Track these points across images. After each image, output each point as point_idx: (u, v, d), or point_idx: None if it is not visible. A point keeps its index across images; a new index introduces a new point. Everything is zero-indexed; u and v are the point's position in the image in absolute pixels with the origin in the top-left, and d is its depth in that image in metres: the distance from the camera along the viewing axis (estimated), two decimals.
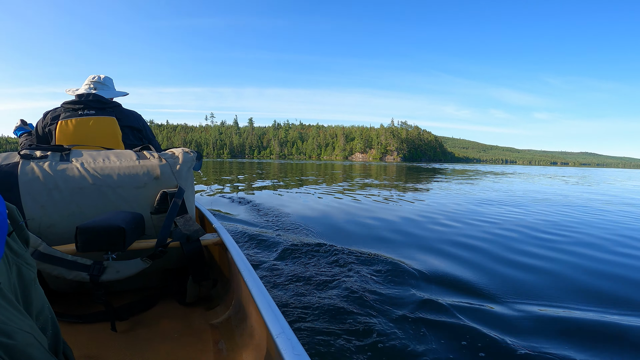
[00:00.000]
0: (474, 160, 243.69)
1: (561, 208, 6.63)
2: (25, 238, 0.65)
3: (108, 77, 2.09)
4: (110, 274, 1.27)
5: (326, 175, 16.33)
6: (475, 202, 7.27)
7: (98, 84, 2.01)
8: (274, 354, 0.77)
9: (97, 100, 1.86)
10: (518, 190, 10.63)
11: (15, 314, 0.53)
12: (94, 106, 1.85)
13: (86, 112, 1.84)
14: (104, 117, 1.85)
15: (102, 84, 2.03)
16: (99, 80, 2.03)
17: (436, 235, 4.06)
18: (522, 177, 19.94)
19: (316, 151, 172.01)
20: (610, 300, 2.32)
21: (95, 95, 1.87)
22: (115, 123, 1.87)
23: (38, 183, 1.33)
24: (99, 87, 2.01)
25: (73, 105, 1.85)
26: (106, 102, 1.89)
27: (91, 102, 1.85)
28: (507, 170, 35.75)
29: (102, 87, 2.02)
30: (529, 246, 3.64)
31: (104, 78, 2.05)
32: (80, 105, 1.84)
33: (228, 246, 1.43)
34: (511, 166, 71.66)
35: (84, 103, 1.85)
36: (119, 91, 2.12)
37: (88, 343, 1.24)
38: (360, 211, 5.71)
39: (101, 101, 1.88)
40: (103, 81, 2.04)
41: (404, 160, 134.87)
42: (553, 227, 4.72)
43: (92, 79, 2.02)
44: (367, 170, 23.98)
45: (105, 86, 2.04)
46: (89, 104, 1.85)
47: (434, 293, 2.33)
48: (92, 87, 1.99)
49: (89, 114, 1.83)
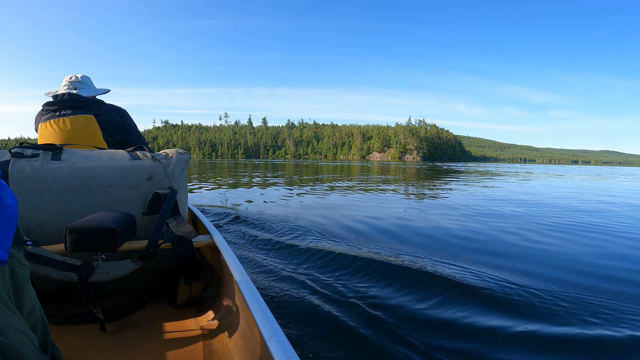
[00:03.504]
0: (491, 159, 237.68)
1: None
2: (19, 238, 0.65)
3: (86, 76, 2.07)
4: (99, 275, 1.26)
5: (350, 178, 13.98)
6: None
7: (76, 83, 2.00)
8: (266, 357, 0.76)
9: (72, 99, 1.84)
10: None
11: (7, 312, 0.54)
12: (70, 105, 1.84)
13: (63, 112, 1.82)
14: (81, 116, 1.83)
15: (81, 82, 2.01)
16: (77, 79, 2.01)
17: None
18: (580, 177, 18.06)
19: (332, 150, 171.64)
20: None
21: (70, 95, 1.85)
22: (92, 121, 1.85)
23: (28, 181, 1.33)
24: (77, 86, 1.99)
25: (50, 106, 1.84)
26: (82, 101, 1.87)
27: (66, 101, 1.83)
28: (548, 170, 32.97)
29: (81, 85, 2.00)
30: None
31: (81, 77, 2.03)
32: (55, 106, 1.83)
33: (220, 248, 1.41)
34: (533, 165, 69.45)
35: (58, 104, 1.83)
36: (99, 88, 2.10)
37: (76, 344, 1.23)
38: (376, 219, 5.62)
39: (77, 100, 1.85)
40: (81, 80, 2.02)
41: (423, 160, 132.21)
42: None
43: (70, 79, 2.01)
44: (394, 172, 21.59)
45: (85, 84, 2.02)
46: (63, 104, 1.83)
47: (420, 295, 2.24)
48: (70, 87, 1.98)
49: (66, 114, 1.82)
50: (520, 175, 18.90)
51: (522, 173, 23.16)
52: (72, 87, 1.97)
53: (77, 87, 1.98)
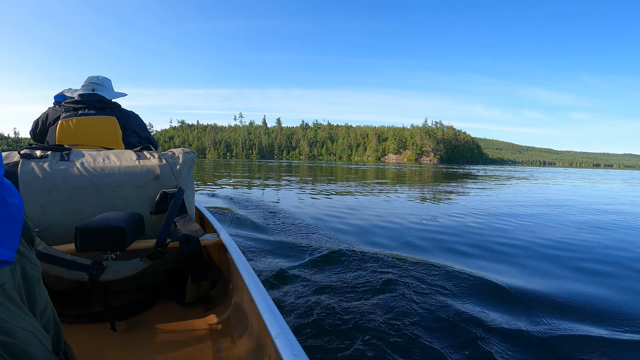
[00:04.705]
0: (508, 162, 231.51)
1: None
2: (30, 238, 0.66)
3: (106, 78, 2.12)
4: (109, 274, 1.28)
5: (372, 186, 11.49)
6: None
7: (97, 85, 2.04)
8: (273, 355, 0.77)
9: (98, 100, 1.89)
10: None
11: (17, 312, 0.54)
12: (95, 106, 1.88)
13: (87, 111, 1.86)
14: (104, 117, 1.87)
15: (101, 85, 2.05)
16: (98, 81, 2.05)
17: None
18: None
19: (347, 152, 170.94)
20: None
21: (97, 95, 1.90)
22: (115, 123, 1.89)
23: (38, 182, 1.35)
24: (97, 88, 2.03)
25: (74, 104, 1.87)
26: (107, 103, 1.92)
27: (93, 101, 1.88)
28: (579, 174, 31.32)
29: (101, 88, 2.05)
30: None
31: (102, 79, 2.07)
32: (81, 104, 1.86)
33: (228, 247, 1.41)
34: (554, 168, 67.05)
35: (85, 103, 1.87)
36: (117, 92, 2.14)
37: (87, 343, 1.25)
38: (377, 217, 5.55)
39: (102, 101, 1.90)
40: (101, 82, 2.06)
41: (441, 162, 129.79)
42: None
43: (91, 80, 2.04)
44: (420, 175, 20.48)
45: (104, 87, 2.07)
46: (90, 103, 1.87)
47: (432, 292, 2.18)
48: (91, 88, 2.01)
49: (90, 113, 1.86)
50: (565, 180, 17.73)
51: (558, 178, 21.54)
52: (90, 89, 2.01)
53: (95, 89, 2.03)
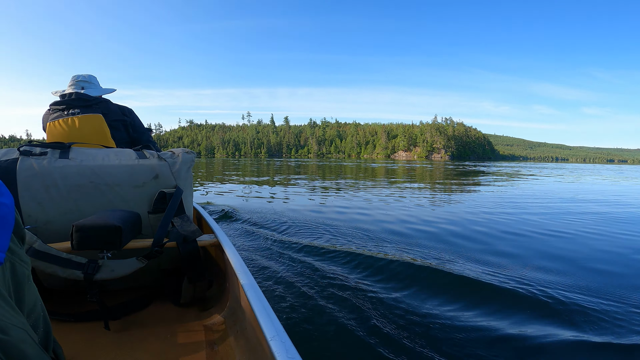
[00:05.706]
0: (520, 158, 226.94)
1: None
2: (21, 235, 0.65)
3: (92, 75, 2.10)
4: (104, 273, 1.27)
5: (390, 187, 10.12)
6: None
7: (83, 82, 2.02)
8: (268, 357, 0.77)
9: (79, 98, 1.87)
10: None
11: (8, 310, 0.53)
12: (78, 105, 1.86)
13: (71, 111, 1.84)
14: (89, 115, 1.85)
15: (87, 82, 2.03)
16: (83, 79, 2.03)
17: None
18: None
19: (356, 149, 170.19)
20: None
21: (77, 94, 1.88)
22: (101, 120, 1.86)
23: (36, 179, 1.35)
24: (84, 85, 2.02)
25: (58, 106, 1.86)
26: (90, 100, 1.89)
27: (74, 100, 1.85)
28: (603, 169, 29.19)
29: (88, 85, 2.03)
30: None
31: (88, 76, 2.06)
32: (64, 105, 1.85)
33: (225, 247, 1.40)
34: (567, 164, 65.34)
35: (66, 103, 1.85)
36: (105, 88, 2.12)
37: (80, 341, 1.25)
38: (375, 220, 5.47)
39: (85, 99, 1.87)
40: (88, 79, 2.04)
41: (452, 159, 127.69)
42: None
43: (77, 78, 2.03)
44: (435, 172, 19.59)
45: (91, 84, 2.05)
46: (72, 103, 1.85)
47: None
48: (77, 86, 2.00)
49: (74, 112, 1.84)
50: (598, 177, 16.36)
51: (586, 174, 19.80)
52: (78, 87, 2.00)
53: (84, 87, 2.01)
